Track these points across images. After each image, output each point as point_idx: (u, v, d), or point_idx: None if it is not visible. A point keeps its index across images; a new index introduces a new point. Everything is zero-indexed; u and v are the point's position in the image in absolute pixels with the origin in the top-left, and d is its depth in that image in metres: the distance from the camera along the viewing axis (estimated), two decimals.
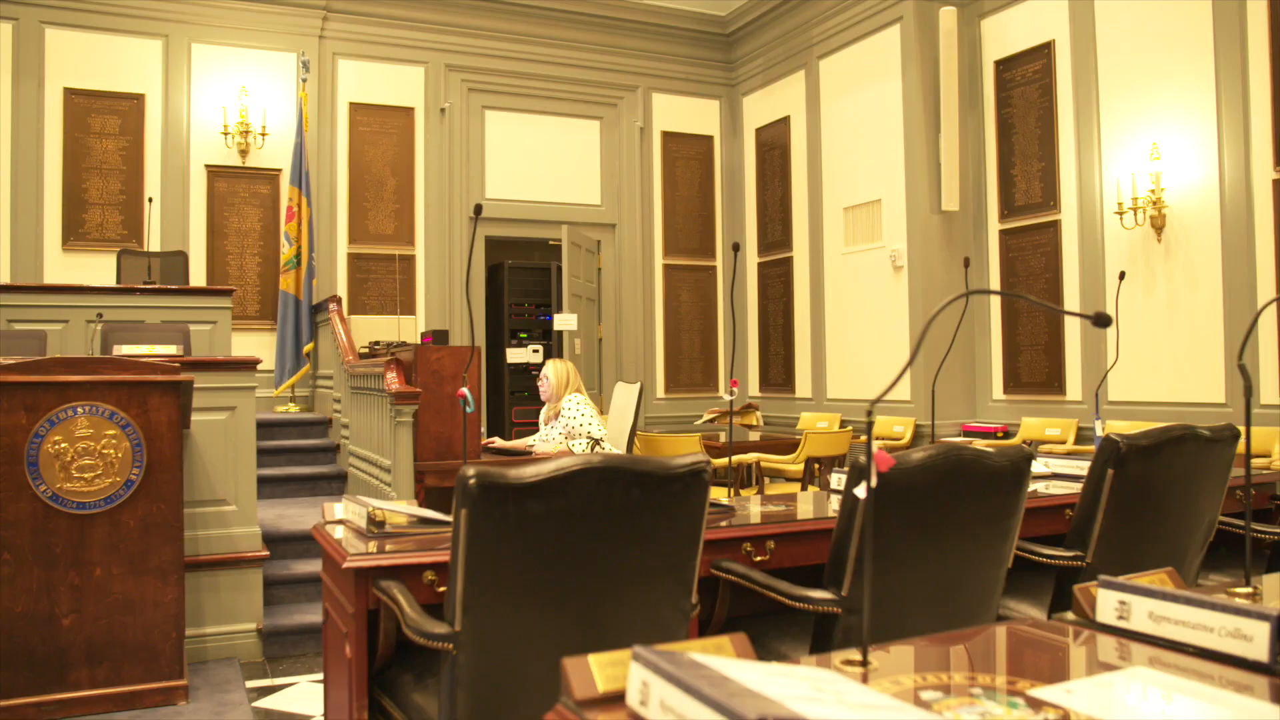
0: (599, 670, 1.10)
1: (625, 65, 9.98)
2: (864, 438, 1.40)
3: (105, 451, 3.90)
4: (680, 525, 2.27)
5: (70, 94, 8.31)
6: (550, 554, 2.13)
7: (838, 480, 3.31)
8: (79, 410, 3.87)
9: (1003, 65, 7.70)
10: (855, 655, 1.20)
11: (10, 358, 4.16)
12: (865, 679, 1.14)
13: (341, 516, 2.98)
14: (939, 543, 2.43)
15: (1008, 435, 7.30)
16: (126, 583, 3.95)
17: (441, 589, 2.47)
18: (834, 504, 3.17)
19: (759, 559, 2.82)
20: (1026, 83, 7.49)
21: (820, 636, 2.45)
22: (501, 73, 9.53)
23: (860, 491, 1.49)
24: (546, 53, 9.65)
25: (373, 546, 2.62)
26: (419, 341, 7.30)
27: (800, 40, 9.33)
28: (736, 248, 4.38)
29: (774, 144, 9.80)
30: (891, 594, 2.32)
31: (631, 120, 10.03)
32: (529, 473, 2.04)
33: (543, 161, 9.75)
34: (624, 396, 5.98)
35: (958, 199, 7.76)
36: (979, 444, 3.28)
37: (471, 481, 2.00)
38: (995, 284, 7.69)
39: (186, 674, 4.09)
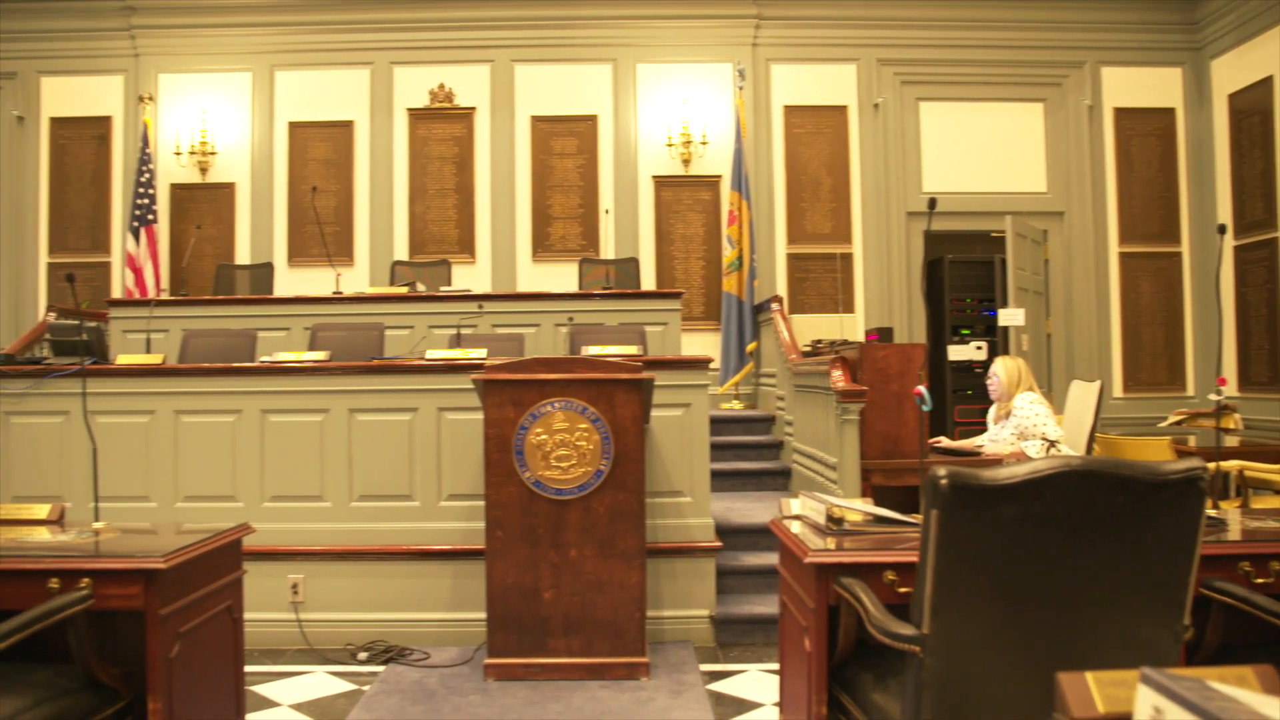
0: (1098, 690, 1.01)
1: (1069, 40, 9.30)
2: None
3: (579, 443, 4.26)
4: (1171, 537, 2.05)
5: (536, 120, 9.27)
6: (1024, 560, 2.01)
7: None
8: (556, 405, 4.26)
9: None
10: None
11: (498, 358, 4.67)
12: None
13: (798, 512, 3.02)
14: None
15: None
16: (597, 564, 4.29)
17: (902, 589, 2.42)
18: None
19: (1260, 580, 2.49)
20: None
21: None
22: (934, 62, 9.26)
23: None
24: (981, 36, 9.24)
25: (831, 543, 2.62)
26: (861, 339, 7.28)
27: None
28: (1222, 230, 3.93)
29: (1253, 110, 8.66)
30: None
31: (1078, 99, 9.33)
32: (1003, 474, 1.94)
33: (982, 151, 9.35)
34: (1082, 395, 5.56)
35: None
36: None
37: (943, 481, 1.94)
38: None
39: (647, 652, 4.36)
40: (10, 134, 9.46)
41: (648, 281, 8.82)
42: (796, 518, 2.99)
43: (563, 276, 8.80)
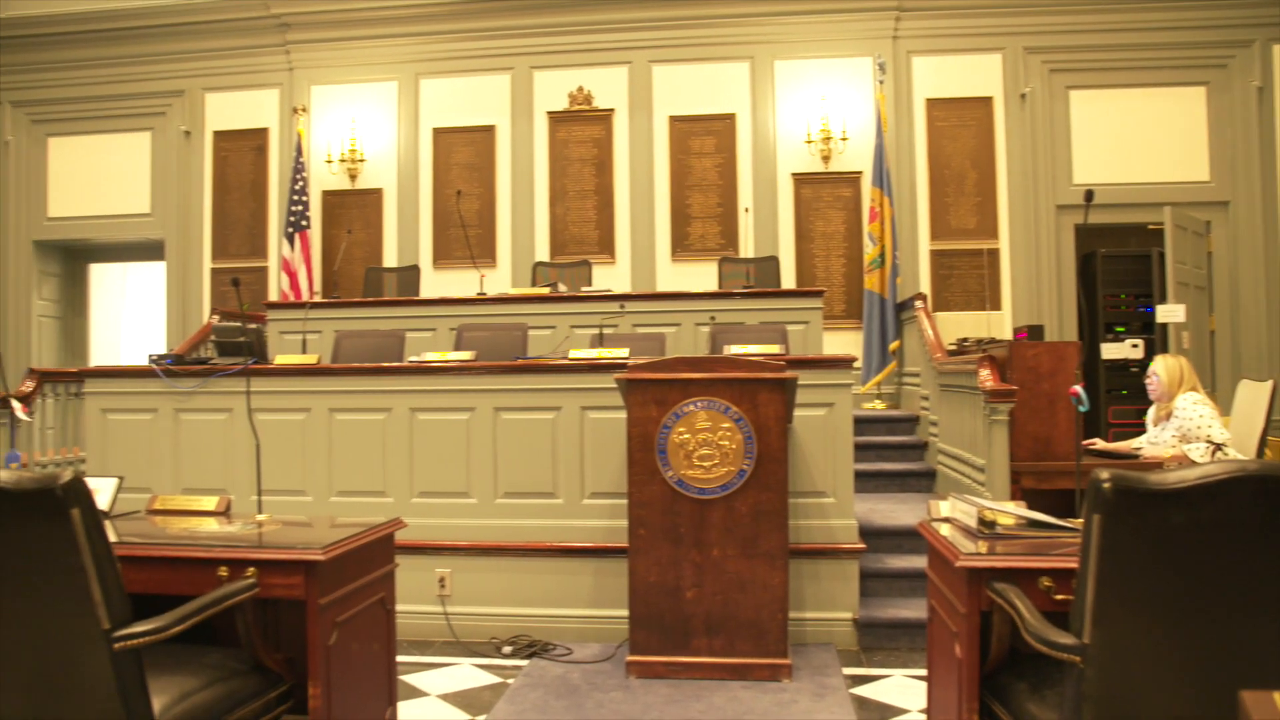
0: None
1: (1235, 18, 8.79)
2: None
3: (721, 443, 4.25)
4: None
5: (674, 120, 9.31)
6: (1193, 569, 1.91)
7: None
8: (699, 405, 4.27)
9: None
10: None
11: (640, 358, 4.70)
12: None
13: (947, 514, 2.95)
14: None
15: None
16: (739, 564, 4.27)
17: (1059, 596, 2.34)
18: None
19: None
20: None
21: None
22: (1086, 48, 8.90)
23: None
24: (1137, 18, 8.83)
25: (983, 547, 2.56)
26: (1009, 337, 7.07)
27: None
28: None
29: None
30: None
31: (1246, 81, 8.82)
32: (1172, 479, 1.85)
33: (1138, 139, 8.94)
34: (1251, 396, 5.27)
35: None
36: None
37: (1106, 485, 1.86)
38: None
39: (789, 654, 4.32)
40: (178, 148, 10.02)
41: (787, 280, 8.75)
42: (945, 520, 2.93)
43: (702, 276, 8.81)
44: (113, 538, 2.05)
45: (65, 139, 10.36)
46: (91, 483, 2.03)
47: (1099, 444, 5.50)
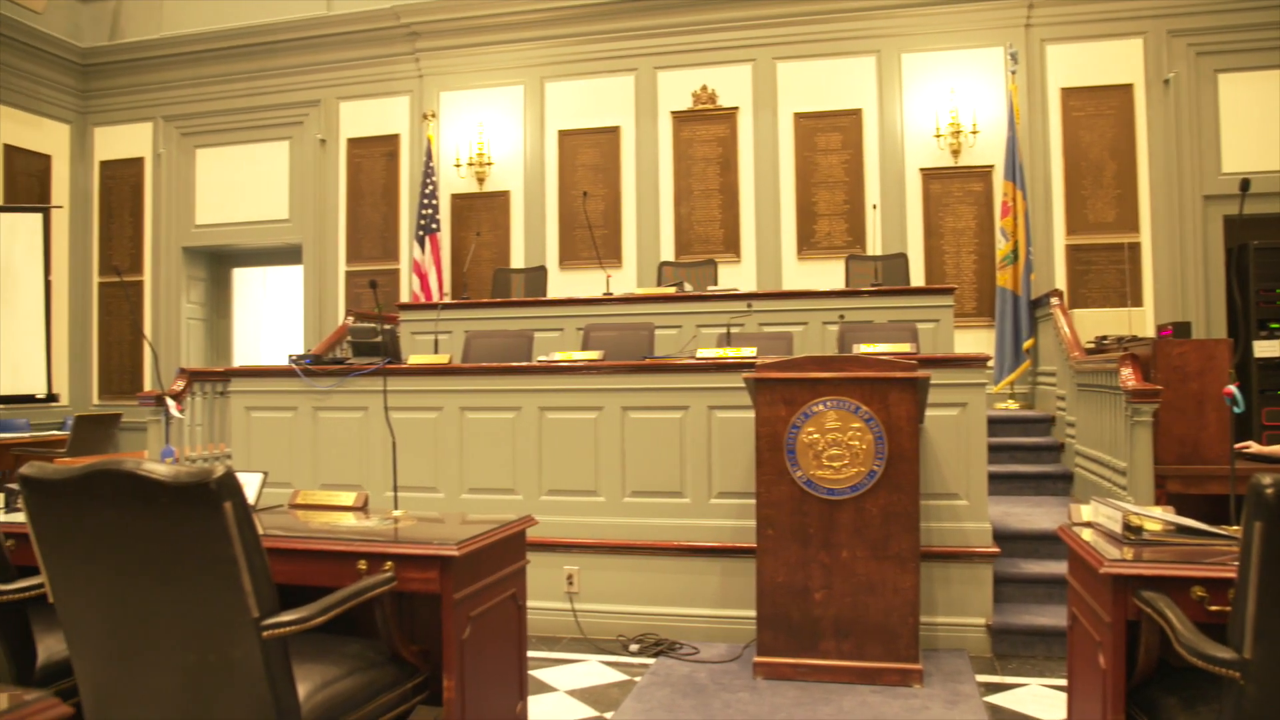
0: None
1: None
2: None
3: (851, 443, 4.19)
4: None
5: (799, 117, 9.22)
6: None
7: None
8: (828, 404, 4.22)
9: None
10: None
11: (767, 357, 4.67)
12: None
13: (1089, 519, 2.86)
14: None
15: None
16: (869, 566, 4.21)
17: (1213, 607, 2.24)
18: None
19: None
20: None
21: None
22: (1236, 29, 8.44)
23: None
24: None
25: (1129, 553, 2.46)
26: (1152, 334, 6.78)
27: None
28: None
29: None
30: None
31: None
32: None
33: None
34: None
35: None
36: None
37: (1269, 491, 1.77)
38: None
39: (920, 659, 4.24)
40: (314, 156, 10.40)
41: (916, 278, 8.57)
42: (1087, 525, 2.84)
43: (828, 274, 8.71)
44: (259, 530, 2.13)
45: (211, 150, 10.86)
46: (240, 477, 2.12)
47: (1253, 447, 5.22)
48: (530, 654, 4.28)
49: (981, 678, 4.35)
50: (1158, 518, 2.68)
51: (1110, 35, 8.66)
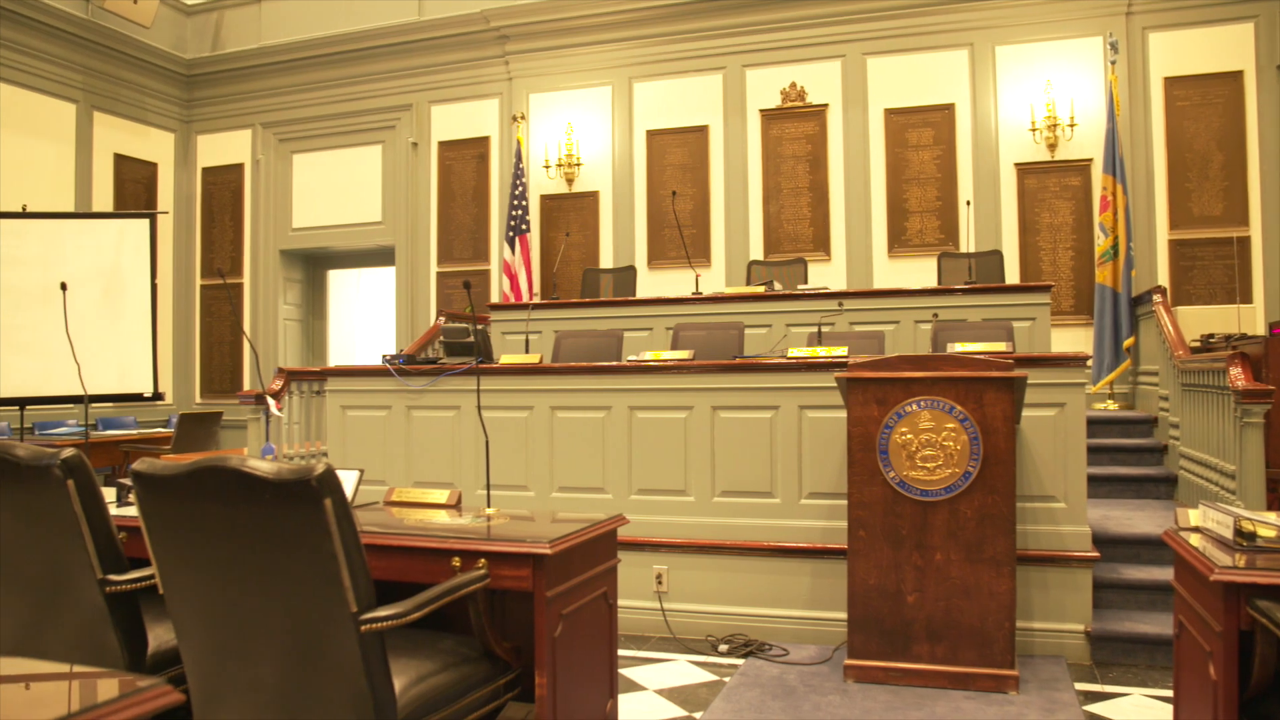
0: None
1: None
2: None
3: (945, 443, 4.12)
4: None
5: (889, 113, 9.11)
6: None
7: None
8: (921, 404, 4.15)
9: None
10: None
11: (859, 356, 4.61)
12: None
13: (1197, 524, 2.76)
14: None
15: None
16: (963, 569, 4.13)
17: None
18: None
19: None
20: None
21: None
22: None
23: None
24: None
25: (1241, 560, 2.38)
26: (1264, 333, 6.53)
27: None
28: None
29: None
30: None
31: None
32: None
33: None
34: None
35: None
36: None
37: None
38: None
39: (1016, 665, 4.14)
40: (407, 159, 10.60)
41: (1011, 275, 8.37)
42: (1195, 530, 2.74)
43: (920, 272, 8.57)
44: (357, 526, 2.18)
45: (307, 155, 11.15)
46: (338, 474, 2.17)
47: None
48: (620, 652, 4.30)
49: (1080, 685, 4.24)
50: (1272, 524, 2.58)
51: (1218, 21, 8.35)
